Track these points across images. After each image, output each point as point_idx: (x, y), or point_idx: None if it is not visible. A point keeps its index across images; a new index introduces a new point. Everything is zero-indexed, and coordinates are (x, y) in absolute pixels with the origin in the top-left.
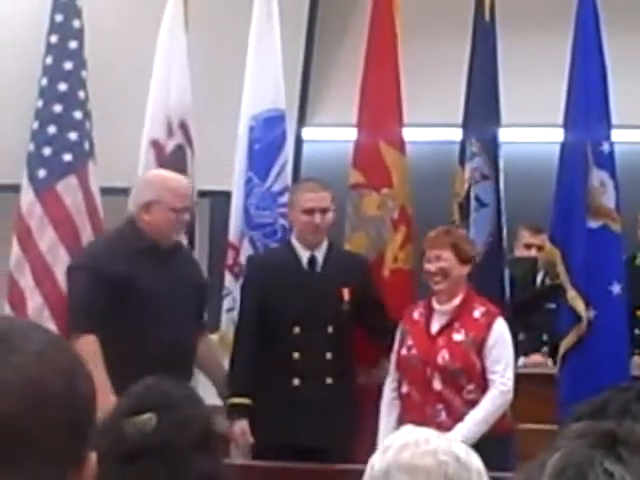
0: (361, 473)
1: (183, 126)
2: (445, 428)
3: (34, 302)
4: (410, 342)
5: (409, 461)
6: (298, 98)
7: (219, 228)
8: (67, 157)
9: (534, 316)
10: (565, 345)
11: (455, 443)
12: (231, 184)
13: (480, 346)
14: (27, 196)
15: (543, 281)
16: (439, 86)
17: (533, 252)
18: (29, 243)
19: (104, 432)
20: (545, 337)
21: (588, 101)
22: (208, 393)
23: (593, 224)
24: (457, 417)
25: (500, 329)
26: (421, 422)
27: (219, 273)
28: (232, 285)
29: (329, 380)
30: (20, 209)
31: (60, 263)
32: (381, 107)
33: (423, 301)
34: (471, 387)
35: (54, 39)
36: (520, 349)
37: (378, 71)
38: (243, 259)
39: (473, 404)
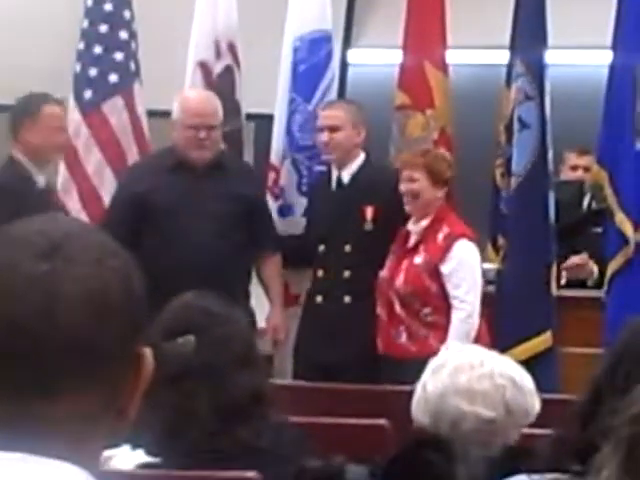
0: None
1: (231, 47)
2: (405, 350)
3: None
4: (387, 263)
5: (466, 385)
6: (344, 20)
7: (263, 151)
8: (113, 77)
9: (580, 240)
10: (612, 268)
11: (509, 364)
12: (273, 107)
13: (434, 270)
14: (73, 117)
15: (589, 205)
16: (486, 8)
17: (579, 173)
18: (76, 164)
19: None
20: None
21: (637, 22)
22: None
23: None
24: (417, 339)
25: (460, 252)
26: (387, 343)
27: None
28: (272, 206)
29: (347, 299)
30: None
31: (106, 184)
32: (426, 28)
33: None
34: (427, 310)
35: None
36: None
37: None
38: (283, 181)
39: (433, 327)
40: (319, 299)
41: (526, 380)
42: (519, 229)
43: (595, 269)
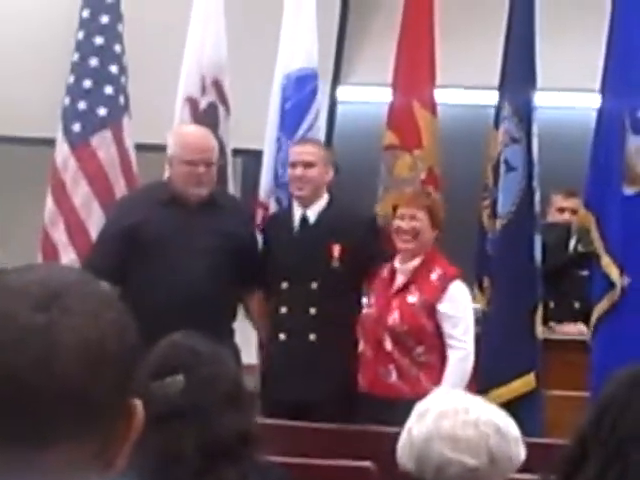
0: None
1: (216, 84)
2: (396, 389)
3: (67, 256)
4: (371, 301)
5: (450, 431)
6: (333, 57)
7: (251, 187)
8: (102, 111)
9: (565, 283)
10: (598, 312)
11: (494, 411)
12: (263, 143)
13: (431, 309)
14: (62, 150)
15: (576, 248)
16: (476, 48)
17: (566, 215)
18: (63, 197)
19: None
20: (577, 305)
21: (626, 67)
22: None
23: (628, 191)
24: (408, 379)
25: (456, 292)
26: (373, 381)
27: None
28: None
29: (312, 336)
30: (55, 163)
31: (93, 218)
32: (415, 68)
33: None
34: (420, 349)
35: None
36: (550, 317)
37: (414, 31)
38: None
39: (424, 366)
40: (283, 337)
41: (511, 428)
42: (504, 271)
43: (584, 330)
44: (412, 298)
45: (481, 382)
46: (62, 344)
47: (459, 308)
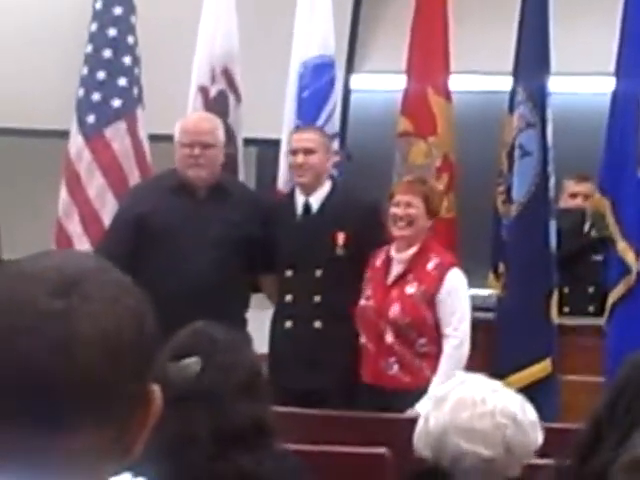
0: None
1: (226, 72)
2: (398, 381)
3: (81, 247)
4: (368, 292)
5: (467, 423)
6: (347, 45)
7: (266, 175)
8: (116, 103)
9: (580, 268)
10: (614, 296)
11: (511, 399)
12: (280, 132)
13: (431, 299)
14: (76, 142)
15: (589, 232)
16: (489, 34)
17: (579, 201)
18: (77, 189)
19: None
20: (591, 290)
21: None
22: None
23: None
24: (410, 370)
25: (453, 281)
26: (376, 374)
27: None
28: None
29: (317, 324)
30: (69, 154)
31: (108, 208)
32: (429, 54)
33: (387, 247)
34: (423, 341)
35: None
36: (565, 302)
37: (428, 18)
38: None
39: (426, 357)
40: (288, 324)
41: (529, 414)
42: (519, 256)
43: None
44: (411, 289)
45: (497, 368)
46: (81, 331)
47: (456, 297)
